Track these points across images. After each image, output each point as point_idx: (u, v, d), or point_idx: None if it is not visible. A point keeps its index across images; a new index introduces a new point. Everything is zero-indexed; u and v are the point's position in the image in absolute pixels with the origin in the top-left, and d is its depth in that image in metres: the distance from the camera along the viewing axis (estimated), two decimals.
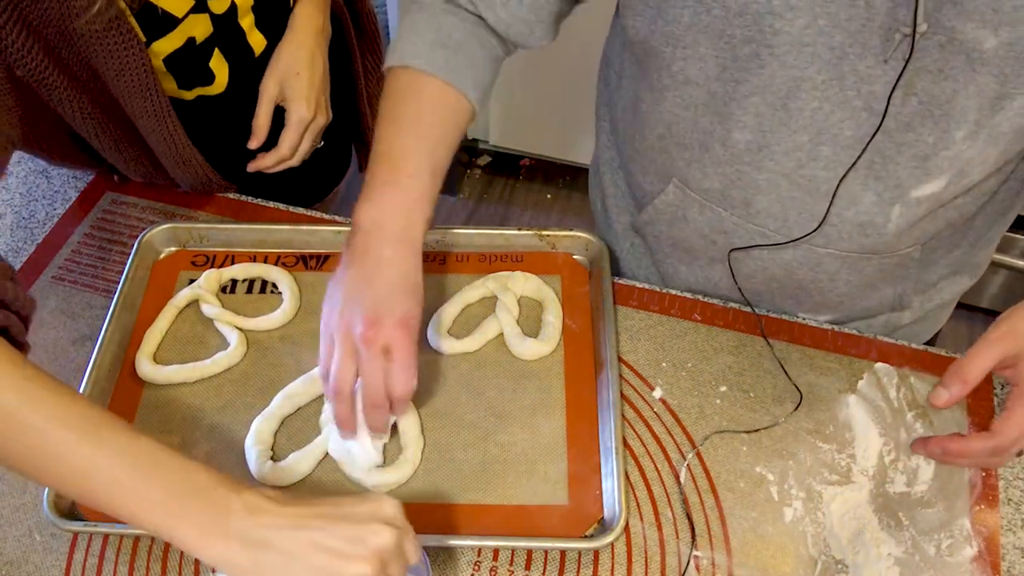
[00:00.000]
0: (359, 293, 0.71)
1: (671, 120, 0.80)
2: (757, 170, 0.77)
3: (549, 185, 2.43)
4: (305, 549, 0.56)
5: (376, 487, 0.77)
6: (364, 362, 0.70)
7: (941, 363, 0.86)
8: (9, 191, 1.03)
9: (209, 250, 0.95)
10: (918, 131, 0.70)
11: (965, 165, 0.72)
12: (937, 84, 0.66)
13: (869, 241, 0.80)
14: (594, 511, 0.76)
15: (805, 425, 0.82)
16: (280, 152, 0.99)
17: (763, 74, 0.70)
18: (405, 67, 0.77)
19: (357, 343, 0.70)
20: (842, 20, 0.65)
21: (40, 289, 0.93)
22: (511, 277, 0.91)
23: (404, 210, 0.73)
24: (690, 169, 0.82)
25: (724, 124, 0.76)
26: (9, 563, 0.75)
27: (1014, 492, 0.79)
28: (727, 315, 0.91)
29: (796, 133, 0.73)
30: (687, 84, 0.76)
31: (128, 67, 0.83)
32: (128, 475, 0.57)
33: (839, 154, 0.73)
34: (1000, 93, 0.65)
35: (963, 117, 0.68)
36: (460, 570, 0.75)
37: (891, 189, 0.75)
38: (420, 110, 0.77)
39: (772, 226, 0.81)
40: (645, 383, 0.85)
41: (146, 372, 0.84)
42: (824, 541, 0.75)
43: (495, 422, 0.82)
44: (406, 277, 0.72)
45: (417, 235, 0.73)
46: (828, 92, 0.69)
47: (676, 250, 0.93)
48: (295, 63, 0.97)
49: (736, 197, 0.81)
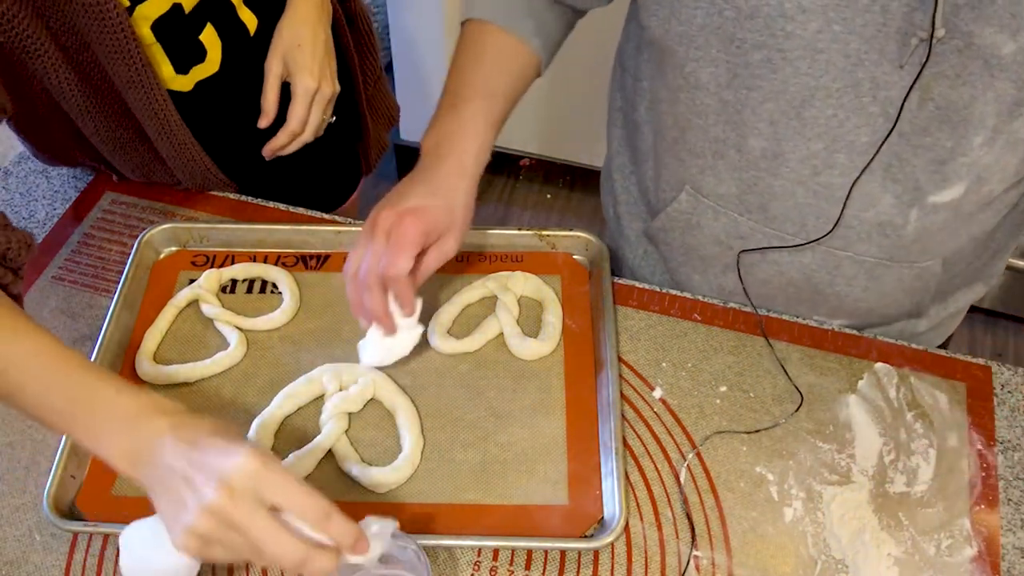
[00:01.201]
0: (395, 194, 0.76)
1: (684, 126, 0.80)
2: (773, 176, 0.77)
3: (549, 185, 2.43)
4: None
5: (375, 486, 0.77)
6: (364, 245, 0.74)
7: (941, 363, 0.87)
8: (9, 191, 1.03)
9: (209, 250, 0.95)
10: (935, 135, 0.69)
11: (983, 171, 0.71)
12: (955, 89, 0.66)
13: (888, 243, 0.79)
14: (594, 511, 0.76)
15: (805, 425, 0.82)
16: (290, 127, 0.99)
17: (776, 80, 0.69)
18: (472, 20, 0.83)
19: (368, 230, 0.75)
20: (857, 25, 0.64)
21: (40, 289, 0.93)
22: (511, 277, 0.91)
23: (459, 133, 0.78)
24: (704, 176, 0.82)
25: (738, 131, 0.75)
26: (9, 563, 0.75)
27: (1014, 492, 0.79)
28: (727, 315, 0.91)
29: (811, 141, 0.73)
30: (698, 89, 0.75)
31: (109, 30, 0.81)
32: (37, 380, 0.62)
33: (855, 160, 0.73)
34: (1018, 99, 0.65)
35: (981, 123, 0.67)
36: (460, 570, 0.75)
37: (909, 192, 0.74)
38: (481, 53, 0.83)
39: (790, 230, 0.81)
40: (645, 383, 0.85)
41: (146, 372, 0.84)
42: (824, 541, 0.75)
43: (495, 422, 0.82)
44: (440, 184, 0.76)
45: (467, 156, 0.78)
46: (843, 100, 0.69)
47: (690, 258, 0.92)
48: (296, 37, 0.97)
49: (753, 202, 0.81)
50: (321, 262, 0.94)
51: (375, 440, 0.81)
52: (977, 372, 0.86)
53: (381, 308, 0.76)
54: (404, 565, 0.67)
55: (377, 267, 0.73)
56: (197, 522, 0.56)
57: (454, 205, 0.76)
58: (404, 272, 0.73)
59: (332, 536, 0.58)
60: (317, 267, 0.94)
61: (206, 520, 0.56)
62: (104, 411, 0.62)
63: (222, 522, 0.56)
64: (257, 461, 0.57)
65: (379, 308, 0.76)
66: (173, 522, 0.58)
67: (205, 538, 0.57)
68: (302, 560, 0.56)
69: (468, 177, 0.78)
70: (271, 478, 0.57)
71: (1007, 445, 0.81)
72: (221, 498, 0.56)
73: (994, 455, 0.80)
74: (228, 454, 0.57)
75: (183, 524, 0.57)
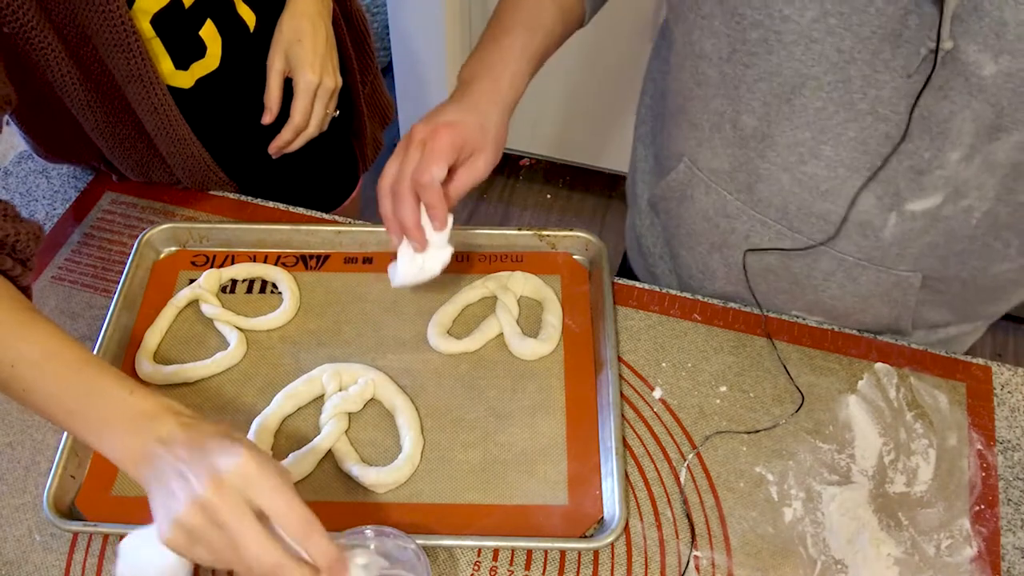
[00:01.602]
0: (430, 113, 0.78)
1: (687, 95, 0.81)
2: (761, 158, 0.78)
3: (549, 185, 2.43)
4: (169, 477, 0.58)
5: (375, 486, 0.77)
6: (399, 157, 0.76)
7: (941, 363, 0.87)
8: (9, 191, 1.03)
9: (209, 250, 0.95)
10: (916, 143, 0.69)
11: (961, 186, 0.71)
12: (937, 102, 0.66)
13: (867, 244, 0.79)
14: (594, 511, 0.76)
15: (805, 425, 0.82)
16: (294, 121, 0.99)
17: (771, 61, 0.70)
18: None
19: (404, 144, 0.76)
20: (853, 23, 0.64)
21: (40, 289, 0.93)
22: (511, 277, 0.91)
23: (498, 63, 0.80)
24: (701, 149, 0.83)
25: (735, 106, 0.76)
26: (9, 563, 0.75)
27: (1014, 492, 0.79)
28: (727, 315, 0.91)
29: (799, 129, 0.73)
30: (701, 58, 0.76)
31: (109, 22, 0.81)
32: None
33: (840, 154, 0.73)
34: (996, 124, 0.64)
35: (959, 139, 0.67)
36: (460, 570, 0.75)
37: (890, 195, 0.74)
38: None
39: (773, 216, 0.81)
40: (645, 383, 0.85)
41: (146, 372, 0.84)
42: (824, 541, 0.75)
43: (495, 422, 0.82)
44: (475, 105, 0.78)
45: (502, 82, 0.79)
46: (833, 94, 0.69)
47: (679, 232, 0.93)
48: (296, 32, 0.97)
49: (741, 181, 0.81)
50: (321, 262, 0.94)
51: (375, 440, 0.81)
52: (977, 372, 0.86)
53: (413, 218, 0.76)
54: (404, 565, 0.67)
55: (410, 176, 0.74)
56: (184, 514, 0.56)
57: (487, 125, 0.77)
58: (437, 179, 0.74)
59: (310, 554, 0.57)
60: (317, 267, 0.94)
61: (193, 513, 0.56)
62: (115, 411, 0.62)
63: (208, 518, 0.56)
64: (253, 464, 0.57)
65: (412, 218, 0.76)
66: (163, 513, 0.58)
67: (191, 533, 0.57)
68: (276, 567, 0.56)
69: (502, 102, 0.79)
70: (263, 483, 0.57)
71: (1007, 445, 0.81)
72: (209, 492, 0.56)
73: (994, 455, 0.81)
74: (228, 454, 0.57)
75: (171, 514, 0.57)
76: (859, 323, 0.90)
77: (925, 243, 0.78)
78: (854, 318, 0.89)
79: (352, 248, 0.95)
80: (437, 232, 0.78)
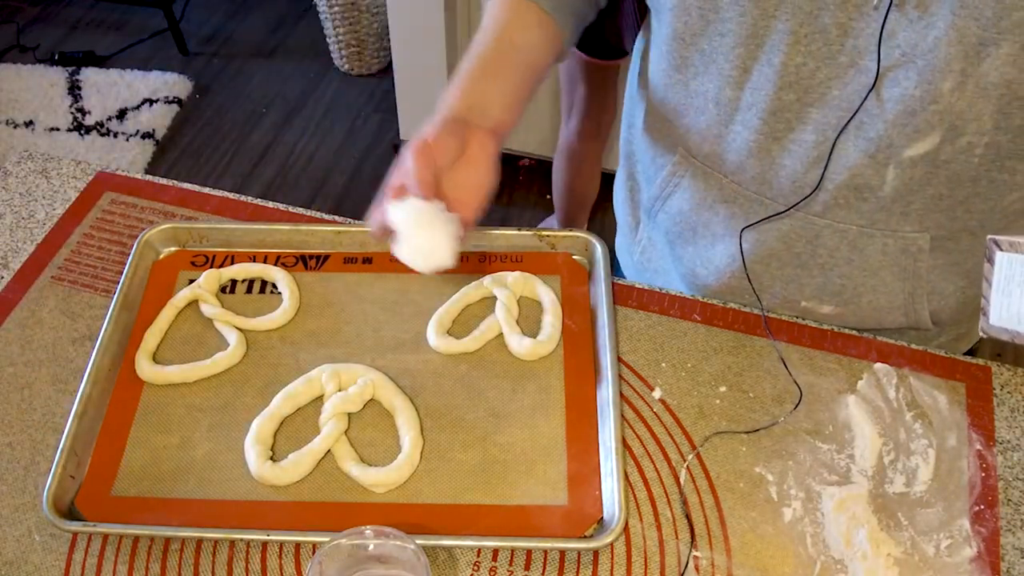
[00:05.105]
0: None
1: (668, 81, 0.82)
2: (748, 129, 0.77)
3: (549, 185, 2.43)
4: None
5: (374, 486, 0.77)
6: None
7: (940, 363, 0.87)
8: (9, 191, 1.03)
9: (209, 250, 0.95)
10: (903, 84, 0.68)
11: (956, 120, 0.69)
12: (918, 32, 0.64)
13: (868, 207, 0.78)
14: (593, 511, 0.76)
15: (804, 425, 0.82)
16: None
17: (744, 23, 0.70)
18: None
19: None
20: None
21: (40, 289, 0.93)
22: (510, 277, 0.91)
23: (450, 92, 0.79)
24: (690, 135, 0.83)
25: (715, 82, 0.76)
26: (8, 563, 0.75)
27: (1014, 492, 0.79)
28: (727, 315, 0.91)
29: (783, 91, 0.72)
30: (675, 39, 0.77)
31: None
32: None
33: (828, 116, 0.72)
34: (982, 39, 0.63)
35: (947, 67, 0.65)
36: (460, 570, 0.75)
37: (883, 149, 0.73)
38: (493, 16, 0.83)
39: (769, 194, 0.81)
40: (645, 383, 0.85)
41: (146, 372, 0.84)
42: (823, 541, 0.75)
43: (494, 422, 0.82)
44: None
45: (448, 108, 0.77)
46: (812, 47, 0.69)
47: (677, 226, 0.93)
48: None
49: (731, 161, 0.81)
50: (321, 262, 0.94)
51: (375, 440, 0.81)
52: (977, 372, 0.86)
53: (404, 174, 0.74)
54: (403, 565, 0.67)
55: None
56: None
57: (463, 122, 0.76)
58: (427, 139, 0.72)
59: None
60: (317, 267, 0.94)
61: None
62: None
63: None
64: None
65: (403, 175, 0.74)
66: None
67: None
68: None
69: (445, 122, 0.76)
70: None
71: (1007, 445, 0.81)
72: None
73: (994, 455, 0.81)
74: None
75: None
76: (874, 308, 0.88)
77: (928, 196, 0.76)
78: (867, 300, 0.88)
79: (352, 248, 0.95)
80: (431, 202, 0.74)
